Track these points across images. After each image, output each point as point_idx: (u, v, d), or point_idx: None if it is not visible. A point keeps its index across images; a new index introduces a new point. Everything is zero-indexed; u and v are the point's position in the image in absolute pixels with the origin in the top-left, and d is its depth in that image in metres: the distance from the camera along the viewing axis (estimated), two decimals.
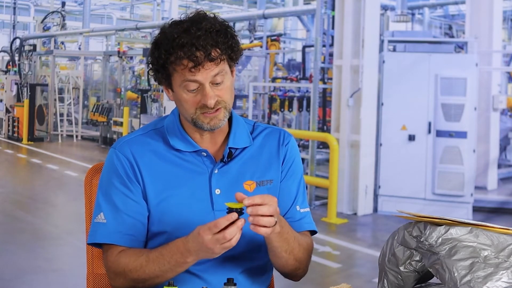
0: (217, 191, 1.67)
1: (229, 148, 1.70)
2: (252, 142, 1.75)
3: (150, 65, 1.66)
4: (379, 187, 7.65)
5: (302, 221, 1.75)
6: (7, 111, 15.15)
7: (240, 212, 1.46)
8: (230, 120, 1.73)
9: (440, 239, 1.33)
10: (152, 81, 12.12)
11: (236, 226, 1.46)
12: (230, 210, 1.47)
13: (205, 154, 1.69)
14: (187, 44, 1.56)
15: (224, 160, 1.70)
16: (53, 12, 18.37)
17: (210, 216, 1.65)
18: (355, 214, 7.53)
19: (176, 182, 1.67)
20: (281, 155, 1.76)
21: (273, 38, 14.56)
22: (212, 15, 1.64)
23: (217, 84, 1.62)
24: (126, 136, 1.76)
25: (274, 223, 1.50)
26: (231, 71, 1.67)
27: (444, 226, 1.35)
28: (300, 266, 1.71)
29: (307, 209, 1.78)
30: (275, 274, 1.81)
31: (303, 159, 8.07)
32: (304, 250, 1.70)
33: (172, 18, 1.67)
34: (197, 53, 1.57)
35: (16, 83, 15.08)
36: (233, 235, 1.46)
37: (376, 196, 7.68)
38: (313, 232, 1.79)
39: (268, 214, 1.48)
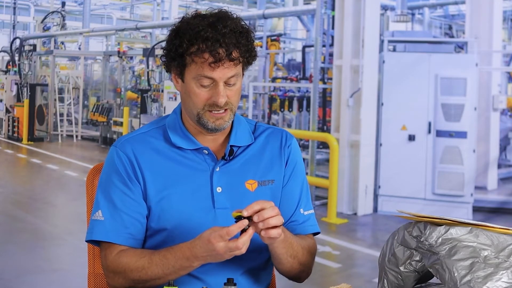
0: (218, 189, 1.67)
1: (231, 146, 1.70)
2: (254, 140, 1.75)
3: (165, 52, 1.65)
4: (379, 187, 7.65)
5: (306, 224, 1.76)
6: (7, 111, 15.14)
7: (249, 219, 1.48)
8: None
9: (440, 239, 1.34)
10: (152, 81, 12.12)
11: (248, 235, 1.48)
12: (239, 218, 1.48)
13: (206, 152, 1.69)
14: (212, 38, 1.56)
15: (226, 158, 1.70)
16: (53, 12, 18.36)
17: (211, 214, 1.65)
18: (355, 214, 7.53)
19: (177, 179, 1.66)
20: (284, 157, 1.76)
21: (273, 38, 14.57)
22: (235, 16, 1.65)
23: (229, 85, 1.62)
24: (128, 134, 1.75)
25: (282, 221, 1.52)
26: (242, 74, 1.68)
27: (444, 226, 1.35)
28: (304, 269, 1.72)
29: (311, 211, 1.78)
30: (277, 274, 1.82)
31: (303, 159, 8.06)
32: (308, 253, 1.71)
33: (195, 11, 1.66)
34: (219, 50, 1.57)
35: (16, 83, 15.08)
36: (245, 244, 1.48)
37: (376, 196, 7.68)
38: (316, 233, 1.80)
39: (274, 214, 1.49)
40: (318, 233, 1.79)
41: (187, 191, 1.66)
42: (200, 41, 1.57)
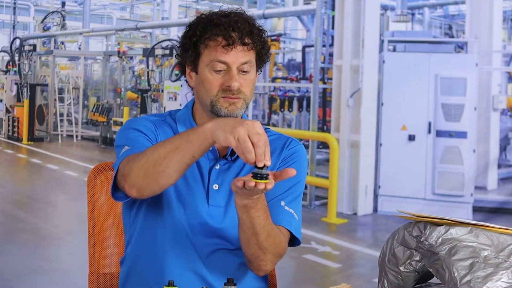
0: (215, 187, 1.67)
1: None
2: None
3: (180, 47, 1.69)
4: (379, 187, 7.65)
5: (281, 216, 1.65)
6: (7, 111, 15.13)
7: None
8: None
9: (440, 239, 1.34)
10: (152, 81, 12.12)
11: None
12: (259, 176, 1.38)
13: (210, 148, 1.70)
14: (225, 23, 1.61)
15: (227, 157, 1.70)
16: (53, 12, 18.34)
17: (204, 210, 1.65)
18: (355, 214, 7.53)
19: None
20: (282, 156, 1.75)
21: (273, 38, 14.56)
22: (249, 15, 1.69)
23: (243, 72, 1.64)
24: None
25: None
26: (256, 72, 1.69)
27: (444, 226, 1.35)
28: (262, 256, 1.60)
29: (293, 213, 1.68)
30: (277, 273, 1.82)
31: None
32: (272, 241, 1.58)
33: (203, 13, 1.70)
34: (232, 34, 1.61)
35: (16, 83, 15.06)
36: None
37: (376, 196, 7.68)
38: (296, 240, 1.69)
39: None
40: (298, 240, 1.68)
41: (182, 183, 1.66)
42: (214, 27, 1.61)
